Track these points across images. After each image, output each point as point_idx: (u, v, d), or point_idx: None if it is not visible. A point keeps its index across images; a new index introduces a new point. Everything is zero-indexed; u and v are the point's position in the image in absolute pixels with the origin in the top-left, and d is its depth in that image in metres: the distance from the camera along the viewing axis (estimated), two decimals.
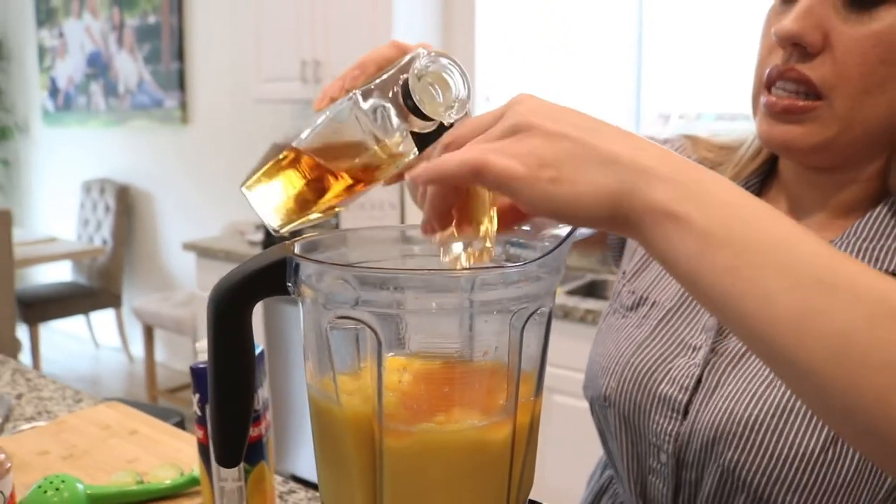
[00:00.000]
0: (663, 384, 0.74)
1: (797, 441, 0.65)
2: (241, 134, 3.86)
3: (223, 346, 0.47)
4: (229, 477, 0.78)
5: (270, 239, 2.85)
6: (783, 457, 0.65)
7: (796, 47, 0.63)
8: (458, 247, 0.48)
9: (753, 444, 0.67)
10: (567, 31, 2.91)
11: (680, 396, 0.73)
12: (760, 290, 0.40)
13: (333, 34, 2.90)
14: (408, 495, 0.45)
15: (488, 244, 0.48)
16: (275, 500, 0.82)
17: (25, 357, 4.11)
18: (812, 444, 0.65)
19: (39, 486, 0.85)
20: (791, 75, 0.64)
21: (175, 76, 4.15)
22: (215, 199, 4.06)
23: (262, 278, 0.47)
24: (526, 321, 0.45)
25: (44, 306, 4.21)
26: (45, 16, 5.04)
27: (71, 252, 4.21)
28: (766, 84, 0.67)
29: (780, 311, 0.40)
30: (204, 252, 3.26)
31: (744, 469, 0.67)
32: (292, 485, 0.98)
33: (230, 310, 0.46)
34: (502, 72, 2.99)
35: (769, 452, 0.66)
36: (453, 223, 0.48)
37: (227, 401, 0.48)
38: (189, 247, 3.35)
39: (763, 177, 0.78)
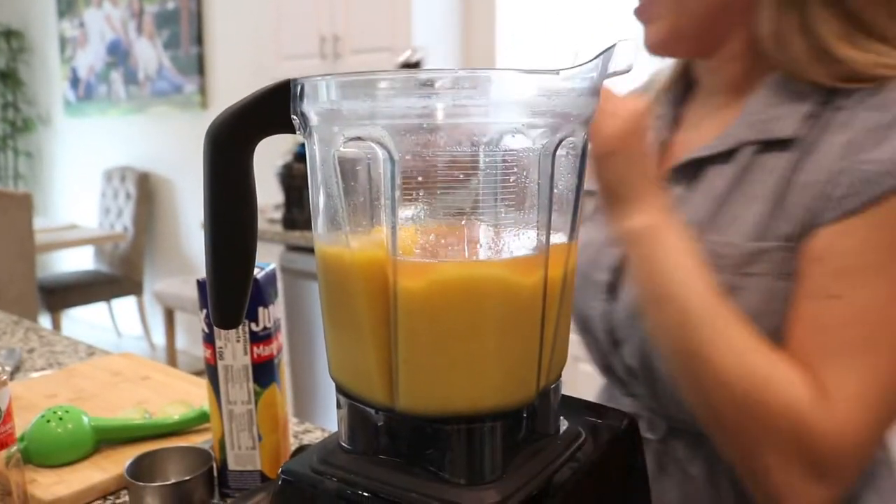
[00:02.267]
0: (598, 272, 0.80)
1: None
2: None
3: (221, 188, 0.42)
4: (238, 399, 0.73)
5: (291, 214, 2.81)
6: None
7: None
8: None
9: None
10: (588, 28, 2.83)
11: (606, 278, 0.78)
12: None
13: (353, 9, 2.86)
14: (425, 350, 0.40)
15: None
16: (287, 426, 0.77)
17: None
18: None
19: (43, 416, 0.81)
20: None
21: (194, 61, 4.13)
22: None
23: (263, 108, 0.41)
24: (556, 148, 0.40)
25: (66, 293, 4.21)
26: (66, 6, 5.05)
27: (92, 237, 4.21)
28: None
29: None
30: None
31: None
32: (308, 425, 0.93)
33: (229, 144, 0.41)
34: (522, 61, 2.92)
35: None
36: None
37: (226, 252, 0.43)
38: None
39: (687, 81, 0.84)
